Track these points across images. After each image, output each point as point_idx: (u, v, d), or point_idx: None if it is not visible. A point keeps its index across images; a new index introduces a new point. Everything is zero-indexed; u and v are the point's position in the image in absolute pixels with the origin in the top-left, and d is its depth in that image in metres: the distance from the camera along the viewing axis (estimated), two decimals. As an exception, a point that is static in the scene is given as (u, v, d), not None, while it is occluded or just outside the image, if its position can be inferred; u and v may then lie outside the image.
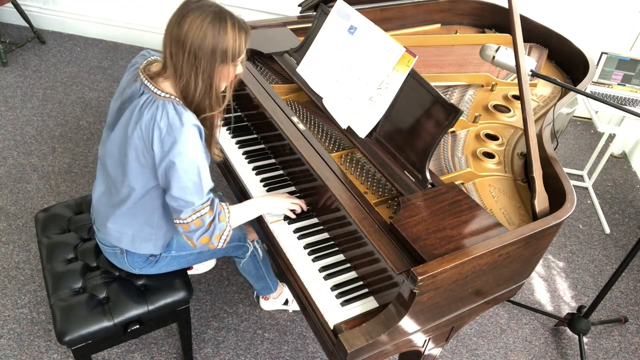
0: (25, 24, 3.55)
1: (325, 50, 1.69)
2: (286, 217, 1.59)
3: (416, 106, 1.44)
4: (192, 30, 1.23)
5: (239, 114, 2.00)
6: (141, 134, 1.30)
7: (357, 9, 1.63)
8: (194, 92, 1.30)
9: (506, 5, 1.50)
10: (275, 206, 1.57)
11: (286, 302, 2.16)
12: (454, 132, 1.78)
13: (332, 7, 1.70)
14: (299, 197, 1.66)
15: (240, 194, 1.74)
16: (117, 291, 1.58)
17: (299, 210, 1.59)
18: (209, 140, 1.41)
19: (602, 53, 2.57)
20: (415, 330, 1.31)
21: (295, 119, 1.66)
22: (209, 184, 1.36)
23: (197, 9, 1.25)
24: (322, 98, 1.67)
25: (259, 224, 1.63)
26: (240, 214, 1.52)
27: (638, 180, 3.26)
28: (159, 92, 1.31)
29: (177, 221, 1.37)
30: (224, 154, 1.82)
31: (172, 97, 1.31)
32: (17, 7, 3.39)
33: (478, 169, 1.63)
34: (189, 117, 1.30)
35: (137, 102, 1.33)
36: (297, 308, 2.17)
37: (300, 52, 1.82)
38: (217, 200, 1.42)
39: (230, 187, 1.88)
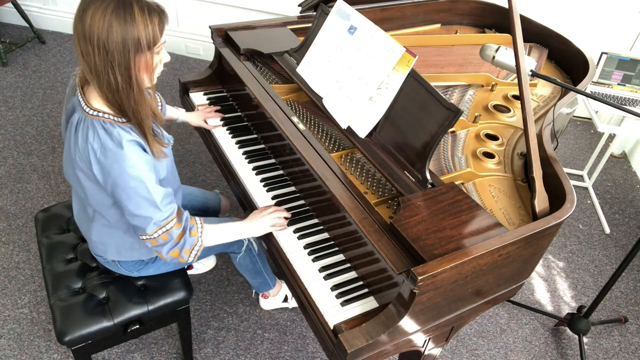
0: (25, 24, 3.55)
1: (325, 50, 1.69)
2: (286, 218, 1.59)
3: (416, 106, 1.44)
4: (96, 23, 1.11)
5: (239, 114, 2.00)
6: (81, 156, 1.26)
7: (357, 9, 1.63)
8: (115, 91, 1.20)
9: (506, 5, 1.50)
10: (254, 231, 1.53)
11: (285, 299, 2.16)
12: (454, 132, 1.78)
13: (332, 7, 1.70)
14: (298, 197, 1.66)
15: (240, 194, 1.74)
16: (116, 291, 1.58)
17: (280, 227, 1.54)
18: (147, 143, 1.29)
19: (602, 53, 2.56)
20: (415, 330, 1.31)
21: (295, 119, 1.66)
22: (159, 195, 1.29)
23: None
24: (322, 98, 1.67)
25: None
26: (217, 234, 1.47)
27: (638, 180, 3.26)
28: (87, 110, 1.24)
29: (143, 237, 1.32)
30: (225, 155, 1.83)
31: (101, 114, 1.23)
32: (17, 7, 3.39)
33: (478, 169, 1.63)
34: (120, 134, 1.22)
35: (72, 120, 1.27)
36: (297, 305, 2.17)
37: (300, 52, 1.82)
38: (186, 214, 1.38)
39: (230, 187, 1.88)
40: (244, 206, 1.74)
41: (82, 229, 1.54)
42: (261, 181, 1.72)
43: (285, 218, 1.56)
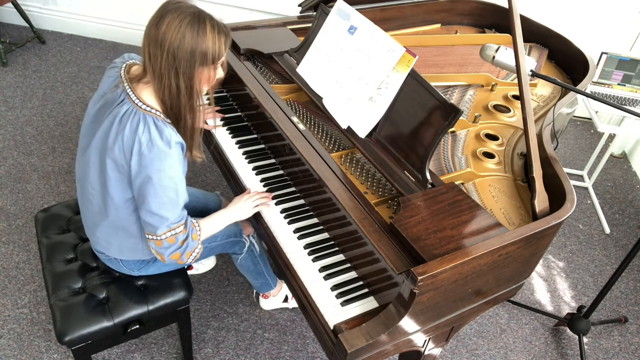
0: (25, 24, 3.55)
1: (325, 50, 1.69)
2: (287, 217, 1.59)
3: (416, 106, 1.44)
4: (170, 31, 1.21)
5: (239, 114, 2.00)
6: (122, 146, 1.28)
7: (357, 9, 1.63)
8: (176, 96, 1.28)
9: (506, 5, 1.50)
10: (239, 215, 1.57)
11: (286, 299, 2.16)
12: (454, 132, 1.78)
13: (332, 7, 1.70)
14: (298, 197, 1.66)
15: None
16: (117, 291, 1.58)
17: (266, 206, 1.60)
18: (190, 146, 1.38)
19: (602, 53, 2.57)
20: (415, 330, 1.31)
21: (295, 119, 1.66)
22: (183, 200, 1.35)
23: (175, 10, 1.23)
24: (322, 98, 1.67)
25: (258, 223, 1.63)
26: (209, 228, 1.53)
27: (638, 180, 3.26)
28: (140, 104, 1.29)
29: (151, 237, 1.35)
30: (225, 155, 1.83)
31: (154, 110, 1.29)
32: (17, 7, 3.39)
33: (478, 169, 1.63)
34: (170, 134, 1.28)
35: (117, 110, 1.30)
36: (297, 305, 2.17)
37: (300, 52, 1.82)
38: (189, 219, 1.41)
39: (230, 187, 1.88)
40: (244, 206, 1.74)
41: (88, 224, 1.54)
42: (261, 181, 1.72)
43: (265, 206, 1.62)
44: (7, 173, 2.61)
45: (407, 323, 1.25)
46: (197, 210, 1.88)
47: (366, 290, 1.41)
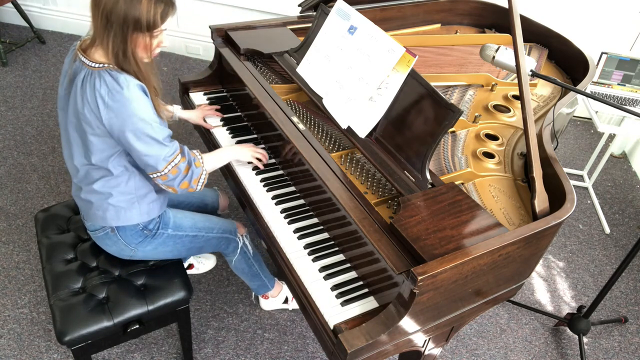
0: (25, 24, 3.55)
1: (325, 50, 1.69)
2: (287, 217, 1.59)
3: (416, 106, 1.44)
4: None
5: (239, 113, 2.00)
6: (89, 107, 1.33)
7: (357, 9, 1.63)
8: (113, 55, 1.32)
9: (506, 5, 1.50)
10: (240, 154, 1.69)
11: (286, 301, 2.16)
12: (454, 132, 1.78)
13: (332, 7, 1.70)
14: (298, 197, 1.66)
15: (240, 194, 1.74)
16: (116, 291, 1.58)
17: (264, 160, 1.72)
18: (152, 97, 1.40)
19: (602, 53, 2.56)
20: (415, 330, 1.31)
21: (295, 119, 1.66)
22: (164, 134, 1.39)
23: None
24: (322, 98, 1.67)
25: (257, 223, 1.63)
26: (214, 160, 1.62)
27: (638, 180, 3.26)
28: (92, 64, 1.34)
29: (156, 175, 1.42)
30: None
31: (105, 65, 1.33)
32: (17, 7, 3.39)
33: (478, 169, 1.63)
34: (127, 79, 1.32)
35: (77, 80, 1.36)
36: (298, 306, 2.17)
37: (300, 52, 1.82)
38: (186, 149, 1.48)
39: (229, 187, 1.88)
40: (243, 205, 1.74)
41: (82, 204, 1.56)
42: (261, 181, 1.72)
43: (263, 160, 1.74)
44: (7, 173, 2.61)
45: (407, 323, 1.25)
46: (195, 206, 1.88)
47: (366, 290, 1.41)
